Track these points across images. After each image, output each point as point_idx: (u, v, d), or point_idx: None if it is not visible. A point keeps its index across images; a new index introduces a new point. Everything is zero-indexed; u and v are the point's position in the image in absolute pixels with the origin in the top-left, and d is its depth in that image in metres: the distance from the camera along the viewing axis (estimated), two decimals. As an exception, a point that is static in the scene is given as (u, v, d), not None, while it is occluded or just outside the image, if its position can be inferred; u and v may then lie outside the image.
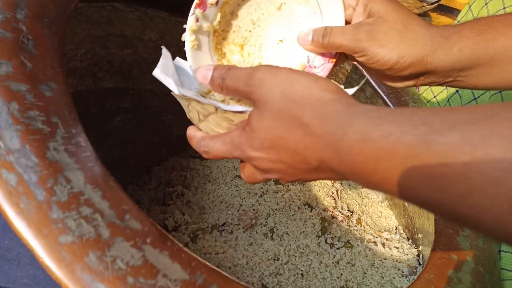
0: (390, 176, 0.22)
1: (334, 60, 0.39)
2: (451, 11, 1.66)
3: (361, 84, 0.35)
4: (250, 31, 0.41)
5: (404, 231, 0.66)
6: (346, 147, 0.23)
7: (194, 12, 0.35)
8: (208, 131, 0.34)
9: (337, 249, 0.61)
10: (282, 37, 0.41)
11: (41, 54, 0.30)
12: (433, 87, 0.81)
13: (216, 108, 0.31)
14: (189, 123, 0.36)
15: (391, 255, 0.60)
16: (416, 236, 0.61)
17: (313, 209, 0.67)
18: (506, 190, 0.17)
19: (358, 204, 0.71)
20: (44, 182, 0.23)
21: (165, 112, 0.86)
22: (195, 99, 0.32)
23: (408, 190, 0.21)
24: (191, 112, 0.34)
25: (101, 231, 0.23)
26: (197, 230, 0.59)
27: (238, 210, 0.65)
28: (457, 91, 0.75)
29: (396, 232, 0.66)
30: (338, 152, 0.24)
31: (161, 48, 0.36)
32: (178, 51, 0.42)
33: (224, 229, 0.62)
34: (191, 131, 0.35)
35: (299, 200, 0.68)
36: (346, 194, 0.73)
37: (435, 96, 0.80)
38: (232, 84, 0.29)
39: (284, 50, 0.41)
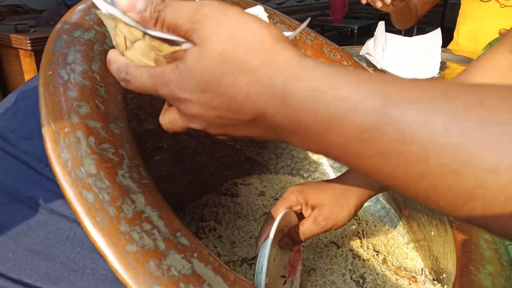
0: (342, 142, 0.21)
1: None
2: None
3: (302, 26, 0.31)
4: None
5: (430, 273, 0.67)
6: (296, 103, 0.21)
7: None
8: (133, 59, 0.30)
9: (363, 286, 0.62)
10: None
11: (110, 99, 0.36)
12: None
13: (144, 34, 0.27)
14: (219, 161, 0.39)
15: (417, 295, 0.61)
16: (441, 277, 0.62)
17: (340, 248, 0.70)
18: (465, 185, 0.17)
19: (384, 244, 0.73)
20: (114, 201, 0.28)
21: (199, 153, 0.92)
22: (122, 20, 0.27)
23: (360, 159, 0.21)
24: (118, 37, 0.30)
25: (158, 244, 0.28)
26: (228, 262, 0.62)
27: (266, 246, 0.68)
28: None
29: (422, 274, 0.67)
30: (285, 107, 0.22)
31: None
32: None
33: (253, 263, 0.65)
34: (112, 54, 0.30)
35: (326, 238, 0.71)
36: (372, 234, 0.75)
37: None
38: (172, 20, 0.26)
39: None
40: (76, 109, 0.32)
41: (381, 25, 1.35)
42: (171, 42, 0.27)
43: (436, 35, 1.30)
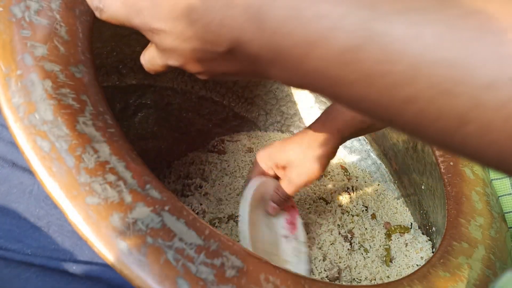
0: (323, 66, 0.18)
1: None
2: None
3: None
4: None
5: (419, 227, 0.66)
6: (273, 24, 0.19)
7: None
8: None
9: (351, 241, 0.61)
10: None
11: (72, 41, 0.33)
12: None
13: None
14: (206, 118, 0.37)
15: (406, 247, 0.60)
16: (430, 230, 0.61)
17: (329, 203, 0.68)
18: (458, 106, 0.15)
19: (373, 200, 0.72)
20: (73, 150, 0.25)
21: (185, 109, 0.89)
22: None
23: (343, 86, 0.18)
24: None
25: (124, 196, 0.25)
26: (214, 219, 0.61)
27: (254, 203, 0.67)
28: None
29: (411, 228, 0.66)
30: (260, 31, 0.20)
31: None
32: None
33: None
34: None
35: (314, 194, 0.69)
36: (361, 190, 0.74)
37: None
38: None
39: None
40: (31, 50, 0.29)
41: None
42: None
43: None
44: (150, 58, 0.28)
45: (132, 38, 0.77)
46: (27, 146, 0.25)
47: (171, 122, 0.87)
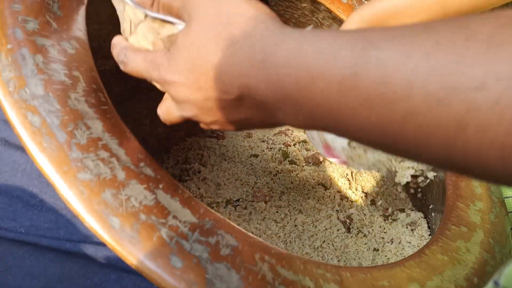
0: (326, 97, 0.19)
1: None
2: None
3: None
4: None
5: (419, 212, 0.66)
6: (276, 67, 0.21)
7: None
8: (134, 43, 0.32)
9: (350, 226, 0.61)
10: None
11: (65, 16, 0.32)
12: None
13: (146, 16, 0.29)
14: None
15: (404, 232, 0.60)
16: (429, 216, 0.61)
17: (327, 189, 0.68)
18: (454, 112, 0.15)
19: (373, 186, 0.72)
20: (65, 125, 0.25)
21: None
22: (128, 3, 0.29)
23: (346, 115, 0.19)
24: (125, 22, 0.32)
25: (117, 173, 0.25)
26: (211, 203, 0.60)
27: (252, 188, 0.67)
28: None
29: (410, 213, 0.66)
30: (266, 74, 0.21)
31: None
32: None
33: (238, 205, 0.63)
34: (116, 39, 0.32)
35: (314, 180, 0.69)
36: (360, 176, 0.73)
37: None
38: (167, 1, 0.27)
39: None
40: (22, 24, 0.28)
41: None
42: (168, 26, 0.28)
43: None
44: (166, 110, 0.30)
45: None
46: (17, 120, 0.24)
47: (170, 107, 0.86)
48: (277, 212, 0.62)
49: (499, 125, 0.15)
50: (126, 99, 0.79)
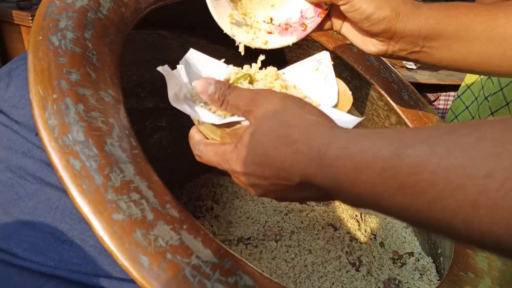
0: (369, 186, 0.24)
1: (323, 14, 0.44)
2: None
3: (361, 119, 0.37)
4: None
5: (427, 257, 0.66)
6: (329, 161, 0.26)
7: None
8: (205, 134, 0.36)
9: (359, 268, 0.62)
10: None
11: (102, 67, 0.35)
12: (459, 117, 0.82)
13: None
14: None
15: (413, 277, 0.60)
16: (438, 261, 0.61)
17: (337, 230, 0.69)
18: (469, 195, 0.19)
19: (382, 228, 0.72)
20: (102, 169, 0.27)
21: (199, 132, 0.91)
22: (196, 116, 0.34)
23: (386, 199, 0.23)
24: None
25: (146, 214, 0.27)
26: (224, 241, 0.62)
27: (263, 226, 0.68)
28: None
29: (419, 257, 0.66)
30: (321, 167, 0.26)
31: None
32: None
33: (249, 243, 0.64)
34: (192, 131, 0.38)
35: (323, 220, 0.70)
36: (370, 218, 0.74)
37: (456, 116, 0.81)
38: (234, 102, 0.32)
39: (280, 2, 0.46)
40: (66, 76, 0.31)
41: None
42: (232, 123, 0.33)
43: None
44: (238, 182, 0.34)
45: (153, 64, 0.80)
46: (60, 164, 0.27)
47: (185, 144, 0.89)
48: (287, 251, 0.63)
49: (504, 204, 0.18)
50: (145, 136, 0.82)
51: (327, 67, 0.43)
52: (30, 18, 1.99)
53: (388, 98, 0.65)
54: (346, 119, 0.36)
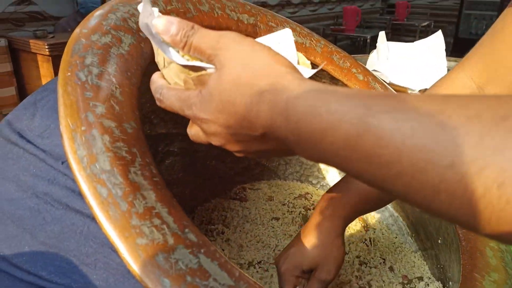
0: (333, 148, 0.24)
1: None
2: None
3: (318, 68, 0.36)
4: None
5: (437, 281, 0.66)
6: (296, 116, 0.25)
7: None
8: (168, 79, 0.35)
9: (368, 293, 0.62)
10: None
11: (125, 100, 0.38)
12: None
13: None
14: (229, 166, 0.41)
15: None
16: (447, 285, 0.62)
17: (347, 254, 0.70)
18: (431, 180, 0.20)
19: (391, 252, 0.73)
20: (126, 196, 0.30)
21: (209, 157, 0.93)
22: (160, 48, 0.32)
23: (350, 163, 0.24)
24: (159, 56, 0.34)
25: (167, 238, 0.29)
26: (235, 265, 0.63)
27: (274, 250, 0.69)
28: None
29: (428, 282, 0.67)
30: (287, 121, 0.26)
31: None
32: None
33: (260, 267, 0.65)
34: (155, 76, 0.36)
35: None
36: (379, 241, 0.75)
37: None
38: (198, 44, 0.30)
39: None
40: (93, 109, 0.34)
41: (382, 35, 1.34)
42: (198, 67, 0.31)
43: (437, 37, 1.29)
44: (195, 133, 0.34)
45: (165, 91, 0.84)
46: (88, 192, 0.29)
47: (196, 169, 0.91)
48: (297, 275, 0.64)
49: (464, 196, 0.19)
50: (157, 162, 0.85)
51: (289, 46, 0.40)
52: (46, 47, 2.07)
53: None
54: (306, 72, 0.34)
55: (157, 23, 0.31)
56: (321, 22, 5.09)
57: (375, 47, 1.37)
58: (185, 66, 0.31)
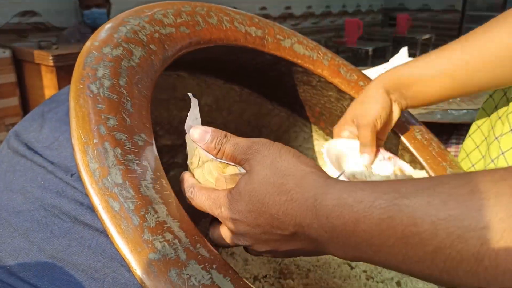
0: (368, 236, 0.24)
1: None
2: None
3: (341, 173, 0.40)
4: None
5: (445, 297, 0.66)
6: (325, 211, 0.26)
7: None
8: (200, 179, 0.37)
9: (376, 308, 0.61)
10: None
11: (136, 112, 0.38)
12: (470, 157, 0.83)
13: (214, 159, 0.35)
14: None
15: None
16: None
17: (353, 269, 0.69)
18: (471, 247, 0.20)
19: (398, 267, 0.72)
20: (138, 210, 0.29)
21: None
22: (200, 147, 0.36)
23: (385, 249, 0.24)
24: (194, 157, 0.37)
25: (179, 254, 0.28)
26: (241, 279, 0.62)
27: (279, 264, 0.68)
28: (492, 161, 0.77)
29: (436, 297, 0.66)
30: (317, 217, 0.26)
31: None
32: (229, 114, 0.51)
33: (266, 281, 0.65)
34: (185, 175, 0.38)
35: (339, 258, 0.70)
36: (385, 256, 0.74)
37: (473, 165, 0.82)
38: (230, 151, 0.33)
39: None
40: (104, 121, 0.34)
41: (404, 50, 1.34)
42: (232, 167, 0.34)
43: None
44: (220, 236, 0.35)
45: (171, 103, 0.84)
46: (100, 206, 0.29)
47: (200, 181, 0.91)
48: (304, 290, 0.63)
49: (507, 255, 0.19)
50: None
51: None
52: (50, 57, 2.08)
53: (402, 137, 0.67)
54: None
55: (193, 132, 0.35)
56: (323, 34, 5.14)
57: (376, 59, 1.37)
58: (221, 162, 0.34)
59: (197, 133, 0.34)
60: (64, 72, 2.02)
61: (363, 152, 0.57)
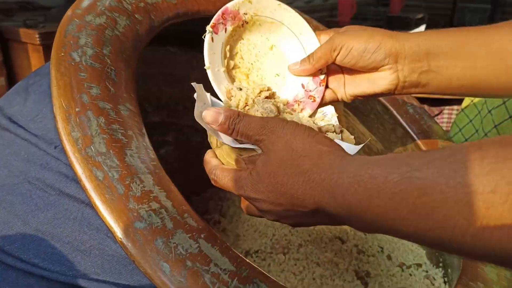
0: (382, 210, 0.25)
1: (324, 83, 0.45)
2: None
3: (363, 144, 0.38)
4: (252, 63, 0.47)
5: (435, 268, 0.66)
6: (341, 189, 0.27)
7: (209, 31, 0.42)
8: (221, 158, 0.38)
9: (367, 281, 0.62)
10: (277, 71, 0.47)
11: (120, 82, 0.37)
12: (463, 131, 0.83)
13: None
14: None
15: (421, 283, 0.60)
16: (446, 272, 0.61)
17: (345, 243, 0.69)
18: (477, 210, 0.21)
19: (389, 241, 0.73)
20: (123, 179, 0.28)
21: (206, 147, 0.92)
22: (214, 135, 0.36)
23: (399, 221, 0.24)
24: (211, 137, 0.38)
25: (166, 223, 0.28)
26: (232, 254, 0.62)
27: (271, 239, 0.68)
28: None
29: (427, 269, 0.66)
30: (334, 195, 0.27)
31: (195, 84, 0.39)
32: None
33: (257, 256, 0.65)
34: (208, 156, 0.39)
35: (331, 233, 0.71)
36: (376, 230, 0.75)
37: (466, 139, 0.82)
38: (244, 130, 0.33)
39: (280, 81, 0.47)
40: (87, 90, 0.32)
41: (422, 29, 1.31)
42: (248, 150, 0.34)
43: None
44: (250, 208, 0.36)
45: (159, 78, 0.82)
46: (83, 174, 0.28)
47: (191, 158, 0.90)
48: (295, 264, 0.64)
49: (509, 217, 0.20)
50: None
51: (332, 119, 0.45)
52: (37, 36, 2.02)
53: (394, 112, 0.67)
54: (351, 148, 0.36)
55: (206, 115, 0.34)
56: (316, 14, 5.08)
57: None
58: (236, 148, 0.35)
59: (210, 115, 0.34)
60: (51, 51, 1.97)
61: (301, 64, 0.46)
